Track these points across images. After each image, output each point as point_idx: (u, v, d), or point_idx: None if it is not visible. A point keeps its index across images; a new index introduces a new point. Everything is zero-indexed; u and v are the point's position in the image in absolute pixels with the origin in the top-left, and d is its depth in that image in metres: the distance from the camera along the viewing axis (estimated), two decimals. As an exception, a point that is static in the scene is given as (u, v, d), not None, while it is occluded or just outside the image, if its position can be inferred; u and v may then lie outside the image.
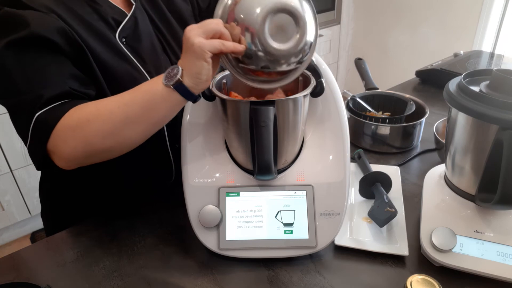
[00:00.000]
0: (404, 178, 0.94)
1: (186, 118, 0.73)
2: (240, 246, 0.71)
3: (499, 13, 2.44)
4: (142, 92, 0.62)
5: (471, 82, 0.69)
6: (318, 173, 0.73)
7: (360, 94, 1.16)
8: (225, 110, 0.67)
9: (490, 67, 1.14)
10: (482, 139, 0.65)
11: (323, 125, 0.74)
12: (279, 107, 0.62)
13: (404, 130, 1.03)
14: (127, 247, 0.78)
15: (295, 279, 0.69)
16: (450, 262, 0.67)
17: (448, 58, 1.52)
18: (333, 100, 0.72)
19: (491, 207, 0.68)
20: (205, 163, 0.74)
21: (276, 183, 0.73)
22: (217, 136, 0.75)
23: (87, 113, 0.62)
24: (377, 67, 2.77)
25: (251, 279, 0.70)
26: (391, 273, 0.69)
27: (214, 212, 0.71)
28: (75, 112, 0.63)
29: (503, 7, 2.42)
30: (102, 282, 0.71)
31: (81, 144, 0.62)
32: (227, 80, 0.73)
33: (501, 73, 0.62)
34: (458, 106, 0.66)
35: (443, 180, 0.78)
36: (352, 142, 0.95)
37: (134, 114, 0.61)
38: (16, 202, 2.08)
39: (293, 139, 0.71)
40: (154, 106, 0.61)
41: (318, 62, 0.71)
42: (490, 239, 0.67)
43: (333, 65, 3.33)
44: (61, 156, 0.64)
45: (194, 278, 0.70)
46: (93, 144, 0.62)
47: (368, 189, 0.84)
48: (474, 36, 2.51)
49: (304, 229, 0.70)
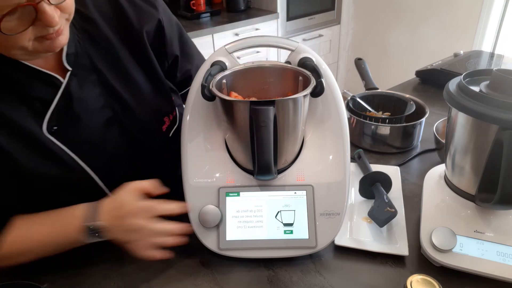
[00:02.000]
0: (404, 178, 0.94)
1: (186, 118, 0.73)
2: (240, 246, 0.71)
3: (499, 13, 2.44)
4: (61, 238, 0.67)
5: (471, 82, 0.69)
6: (318, 173, 0.73)
7: (360, 94, 1.16)
8: (225, 110, 0.67)
9: (490, 67, 1.14)
10: (482, 139, 0.65)
11: (323, 125, 0.74)
12: (279, 107, 0.62)
13: (404, 130, 1.03)
14: (127, 247, 0.78)
15: (295, 279, 0.69)
16: (450, 262, 0.67)
17: (448, 58, 1.52)
18: (333, 100, 0.72)
19: (491, 207, 0.68)
20: (205, 163, 0.74)
21: (276, 183, 0.73)
22: (217, 136, 0.75)
23: (15, 249, 0.67)
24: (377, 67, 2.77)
25: (251, 279, 0.70)
26: (391, 273, 0.69)
27: (214, 212, 0.71)
28: (3, 247, 0.66)
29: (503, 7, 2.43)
30: (102, 282, 0.71)
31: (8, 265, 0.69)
32: (227, 80, 0.73)
33: (501, 73, 0.62)
34: (458, 106, 0.66)
35: (443, 180, 0.78)
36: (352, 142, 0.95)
37: (49, 252, 0.69)
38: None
39: (293, 139, 0.71)
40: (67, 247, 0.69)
41: (318, 62, 0.71)
42: (490, 239, 0.67)
43: (333, 65, 3.33)
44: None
45: (194, 278, 0.70)
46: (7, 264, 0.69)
47: (368, 189, 0.84)
48: (474, 36, 2.51)
49: (304, 229, 0.70)
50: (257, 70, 0.75)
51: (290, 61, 0.74)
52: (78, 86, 0.68)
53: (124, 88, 0.74)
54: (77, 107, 0.68)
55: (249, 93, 0.76)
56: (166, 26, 0.79)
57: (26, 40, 0.55)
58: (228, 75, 0.73)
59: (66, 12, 0.59)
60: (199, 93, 0.67)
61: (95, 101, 0.71)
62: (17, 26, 0.53)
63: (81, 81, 0.68)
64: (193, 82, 0.73)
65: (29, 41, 0.56)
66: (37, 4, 0.52)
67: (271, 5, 2.71)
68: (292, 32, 2.87)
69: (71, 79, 0.67)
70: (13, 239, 0.67)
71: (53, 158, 0.68)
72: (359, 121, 1.05)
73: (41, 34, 0.57)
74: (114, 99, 0.73)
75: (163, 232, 0.67)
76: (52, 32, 0.57)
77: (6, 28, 0.52)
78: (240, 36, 2.55)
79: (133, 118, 0.76)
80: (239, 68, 0.73)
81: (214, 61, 0.72)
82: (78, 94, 0.68)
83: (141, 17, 0.75)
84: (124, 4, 0.74)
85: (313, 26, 2.99)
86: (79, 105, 0.68)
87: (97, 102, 0.71)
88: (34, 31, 0.56)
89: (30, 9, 0.52)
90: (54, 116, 0.66)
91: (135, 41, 0.75)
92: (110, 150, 0.75)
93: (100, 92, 0.71)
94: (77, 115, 0.68)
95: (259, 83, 0.76)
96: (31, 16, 0.53)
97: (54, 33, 0.58)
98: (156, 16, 0.77)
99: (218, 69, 0.71)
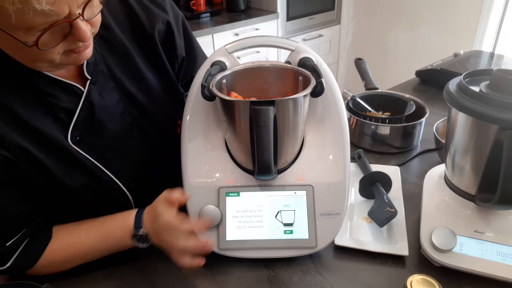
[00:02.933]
0: (404, 178, 0.94)
1: (186, 118, 0.73)
2: (240, 246, 0.71)
3: (499, 13, 2.44)
4: (110, 245, 0.71)
5: (471, 82, 0.69)
6: (318, 173, 0.73)
7: (360, 94, 1.16)
8: (225, 110, 0.67)
9: (490, 67, 1.14)
10: (482, 139, 0.65)
11: (323, 125, 0.74)
12: (279, 107, 0.62)
13: (404, 130, 1.03)
14: (127, 247, 0.78)
15: (295, 279, 0.69)
16: (450, 262, 0.67)
17: (448, 58, 1.52)
18: (333, 100, 0.72)
19: (491, 207, 0.68)
20: (205, 163, 0.74)
21: (276, 183, 0.73)
22: (217, 136, 0.75)
23: (61, 255, 0.70)
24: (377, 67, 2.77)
25: (251, 279, 0.70)
26: (391, 273, 0.69)
27: (214, 212, 0.71)
28: (48, 255, 0.68)
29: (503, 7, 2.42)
30: (102, 282, 0.71)
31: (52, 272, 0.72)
32: (227, 80, 0.73)
33: (501, 73, 0.62)
34: (458, 106, 0.66)
35: (443, 180, 0.78)
36: (352, 142, 0.95)
37: (99, 256, 0.72)
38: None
39: (293, 139, 0.71)
40: (110, 252, 0.72)
41: (318, 62, 0.71)
42: (490, 239, 0.67)
43: (333, 65, 3.33)
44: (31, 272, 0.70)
45: (194, 278, 0.70)
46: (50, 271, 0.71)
47: (368, 189, 0.84)
48: (474, 36, 2.51)
49: (304, 229, 0.70)
50: (257, 70, 0.75)
51: (290, 61, 0.74)
52: (98, 94, 0.69)
53: (140, 93, 0.75)
54: (99, 114, 0.69)
55: (249, 93, 0.76)
56: (175, 28, 0.79)
57: (56, 53, 0.56)
58: (228, 75, 0.73)
59: (95, 27, 0.60)
60: (199, 93, 0.67)
61: (115, 107, 0.72)
62: (50, 41, 0.54)
63: (100, 89, 0.69)
64: (193, 82, 0.73)
65: (58, 54, 0.57)
66: (73, 21, 0.53)
67: (271, 5, 2.71)
68: (292, 32, 2.87)
69: (91, 87, 0.68)
70: (59, 246, 0.69)
71: (81, 168, 0.69)
72: (359, 121, 1.05)
73: (70, 48, 0.57)
74: (132, 104, 0.74)
75: (190, 250, 0.68)
76: (81, 46, 0.58)
77: (41, 43, 0.52)
78: (240, 36, 2.55)
79: (151, 122, 0.77)
80: (239, 68, 0.73)
81: (214, 61, 0.72)
82: (99, 102, 0.69)
83: (151, 19, 0.75)
84: (135, 6, 0.75)
85: (313, 26, 2.99)
86: (100, 112, 0.69)
87: (117, 108, 0.72)
88: (65, 45, 0.56)
89: (64, 25, 0.53)
90: (77, 125, 0.67)
91: (147, 44, 0.76)
92: (132, 156, 0.76)
93: (119, 98, 0.72)
94: (100, 122, 0.69)
95: (259, 83, 0.76)
96: (65, 31, 0.54)
97: (82, 47, 0.59)
98: (166, 18, 0.77)
99: (218, 69, 0.71)
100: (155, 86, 0.78)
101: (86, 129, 0.68)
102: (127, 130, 0.74)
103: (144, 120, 0.76)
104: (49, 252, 0.68)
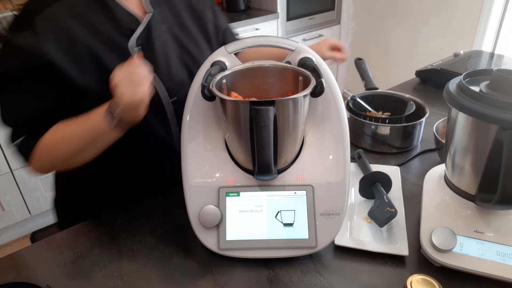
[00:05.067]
0: (404, 178, 0.94)
1: (186, 118, 0.73)
2: (240, 246, 0.71)
3: (499, 13, 2.44)
4: (87, 129, 0.75)
5: (471, 82, 0.69)
6: (318, 173, 0.73)
7: (360, 94, 1.16)
8: (225, 110, 0.67)
9: (490, 67, 1.14)
10: (482, 139, 0.65)
11: (323, 125, 0.74)
12: (279, 107, 0.63)
13: (404, 130, 1.03)
14: (127, 247, 0.78)
15: (295, 279, 0.69)
16: (450, 262, 0.67)
17: (448, 58, 1.52)
18: (333, 100, 0.72)
19: (491, 207, 0.68)
20: (205, 163, 0.74)
21: (276, 183, 0.73)
22: (217, 136, 0.75)
23: (54, 139, 0.77)
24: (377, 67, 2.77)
25: (251, 279, 0.70)
26: (391, 273, 0.69)
27: (214, 212, 0.71)
28: (47, 137, 0.77)
29: (503, 7, 2.42)
30: (102, 282, 0.71)
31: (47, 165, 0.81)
32: (227, 80, 0.73)
33: (501, 73, 0.62)
34: (458, 106, 0.66)
35: (443, 180, 0.78)
36: (352, 142, 0.95)
37: (82, 143, 0.76)
38: (16, 202, 2.08)
39: (293, 139, 0.71)
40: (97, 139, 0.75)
41: (318, 62, 0.71)
42: (490, 239, 0.67)
43: (333, 65, 3.33)
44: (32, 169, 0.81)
45: (194, 278, 0.70)
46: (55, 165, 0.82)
47: (368, 189, 0.84)
48: (474, 36, 2.51)
49: (304, 229, 0.70)
50: (257, 70, 0.75)
51: (290, 61, 0.74)
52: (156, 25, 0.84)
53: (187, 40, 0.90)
54: (154, 36, 0.83)
55: (249, 93, 0.76)
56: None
57: None
58: (228, 75, 0.73)
59: None
60: (199, 93, 0.67)
61: (163, 35, 0.86)
62: None
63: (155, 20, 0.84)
64: (193, 82, 0.73)
65: None
66: None
67: (271, 5, 2.71)
68: (292, 32, 2.87)
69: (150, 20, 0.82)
70: (51, 131, 0.77)
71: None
72: (359, 121, 1.05)
73: None
74: (179, 46, 0.89)
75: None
76: None
77: None
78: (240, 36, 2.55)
79: (193, 59, 0.90)
80: (239, 68, 0.74)
81: (214, 61, 0.73)
82: (156, 27, 0.83)
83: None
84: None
85: (313, 26, 2.99)
86: (156, 36, 0.83)
87: (167, 45, 0.86)
88: None
89: None
90: (139, 39, 0.80)
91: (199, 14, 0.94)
92: (174, 74, 0.87)
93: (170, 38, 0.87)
94: (153, 43, 0.83)
95: (259, 83, 0.76)
96: None
97: None
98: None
99: (218, 69, 0.71)
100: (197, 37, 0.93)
101: (143, 44, 0.81)
102: (171, 61, 0.87)
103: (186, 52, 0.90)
104: (43, 139, 0.76)
